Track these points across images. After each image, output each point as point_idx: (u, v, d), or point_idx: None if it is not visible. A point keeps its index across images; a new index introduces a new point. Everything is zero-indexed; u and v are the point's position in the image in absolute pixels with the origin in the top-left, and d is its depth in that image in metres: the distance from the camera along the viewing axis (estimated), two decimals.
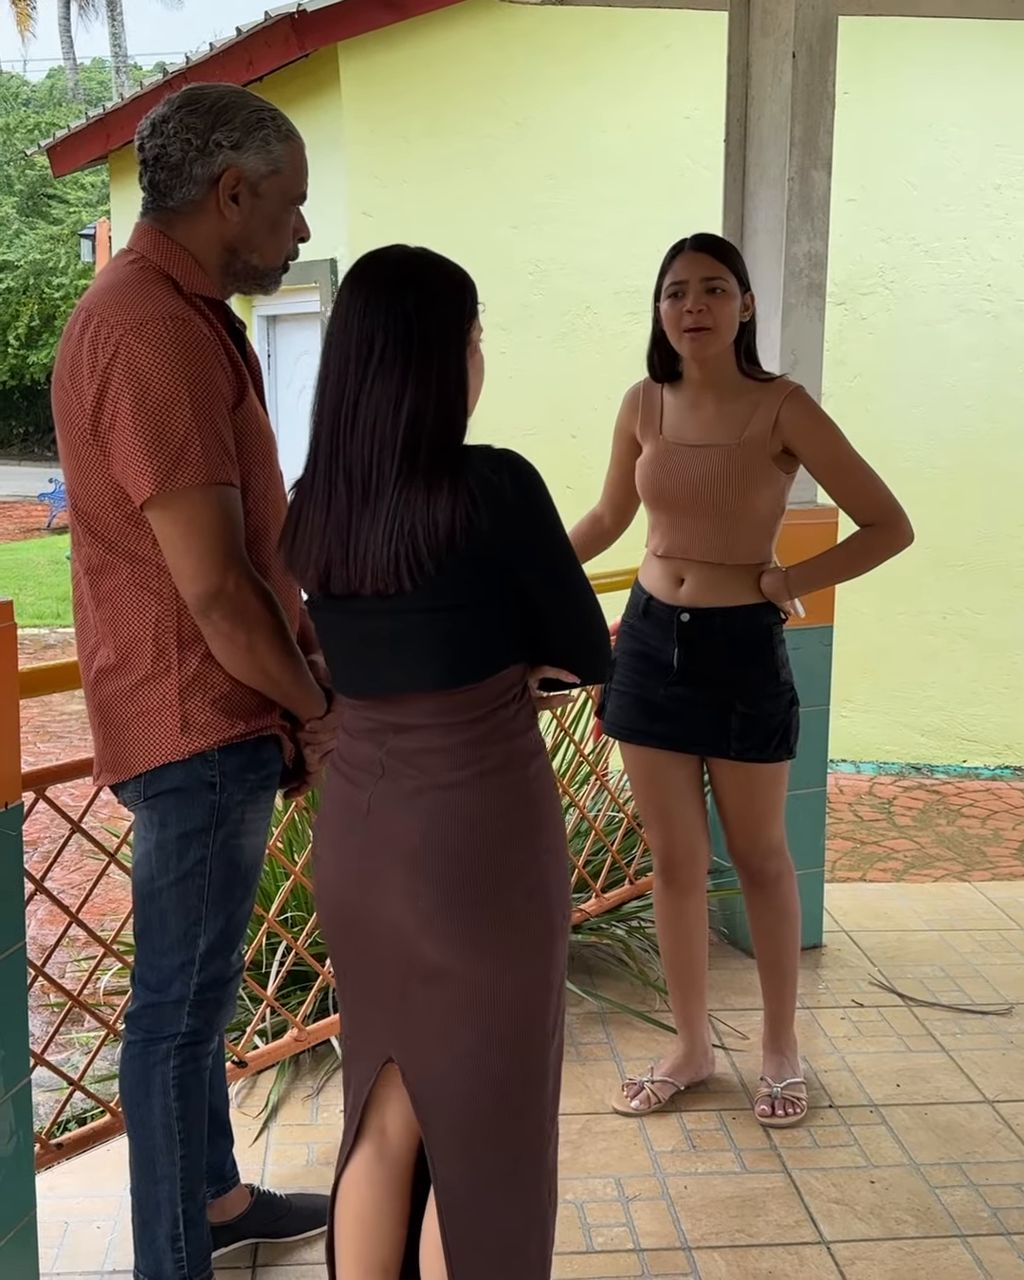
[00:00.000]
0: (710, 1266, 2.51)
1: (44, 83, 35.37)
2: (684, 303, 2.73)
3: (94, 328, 1.95)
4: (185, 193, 2.03)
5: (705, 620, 2.82)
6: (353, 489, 1.78)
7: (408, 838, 1.83)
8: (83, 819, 2.59)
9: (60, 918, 2.65)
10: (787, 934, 3.03)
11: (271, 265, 2.11)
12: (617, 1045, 3.32)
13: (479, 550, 1.75)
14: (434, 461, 1.75)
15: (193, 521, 1.93)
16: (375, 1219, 1.98)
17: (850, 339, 6.43)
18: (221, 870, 2.11)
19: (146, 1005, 2.17)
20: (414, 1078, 1.91)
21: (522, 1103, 1.91)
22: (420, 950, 1.84)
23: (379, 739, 1.87)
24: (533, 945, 1.88)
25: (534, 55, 6.20)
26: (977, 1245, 2.59)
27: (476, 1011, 1.86)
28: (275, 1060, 3.06)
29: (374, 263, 1.83)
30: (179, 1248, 2.19)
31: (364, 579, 1.77)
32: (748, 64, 3.60)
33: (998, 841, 5.59)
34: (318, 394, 1.83)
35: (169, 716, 2.05)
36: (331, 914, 1.95)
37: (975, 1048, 3.35)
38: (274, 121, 2.05)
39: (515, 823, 1.85)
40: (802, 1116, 2.98)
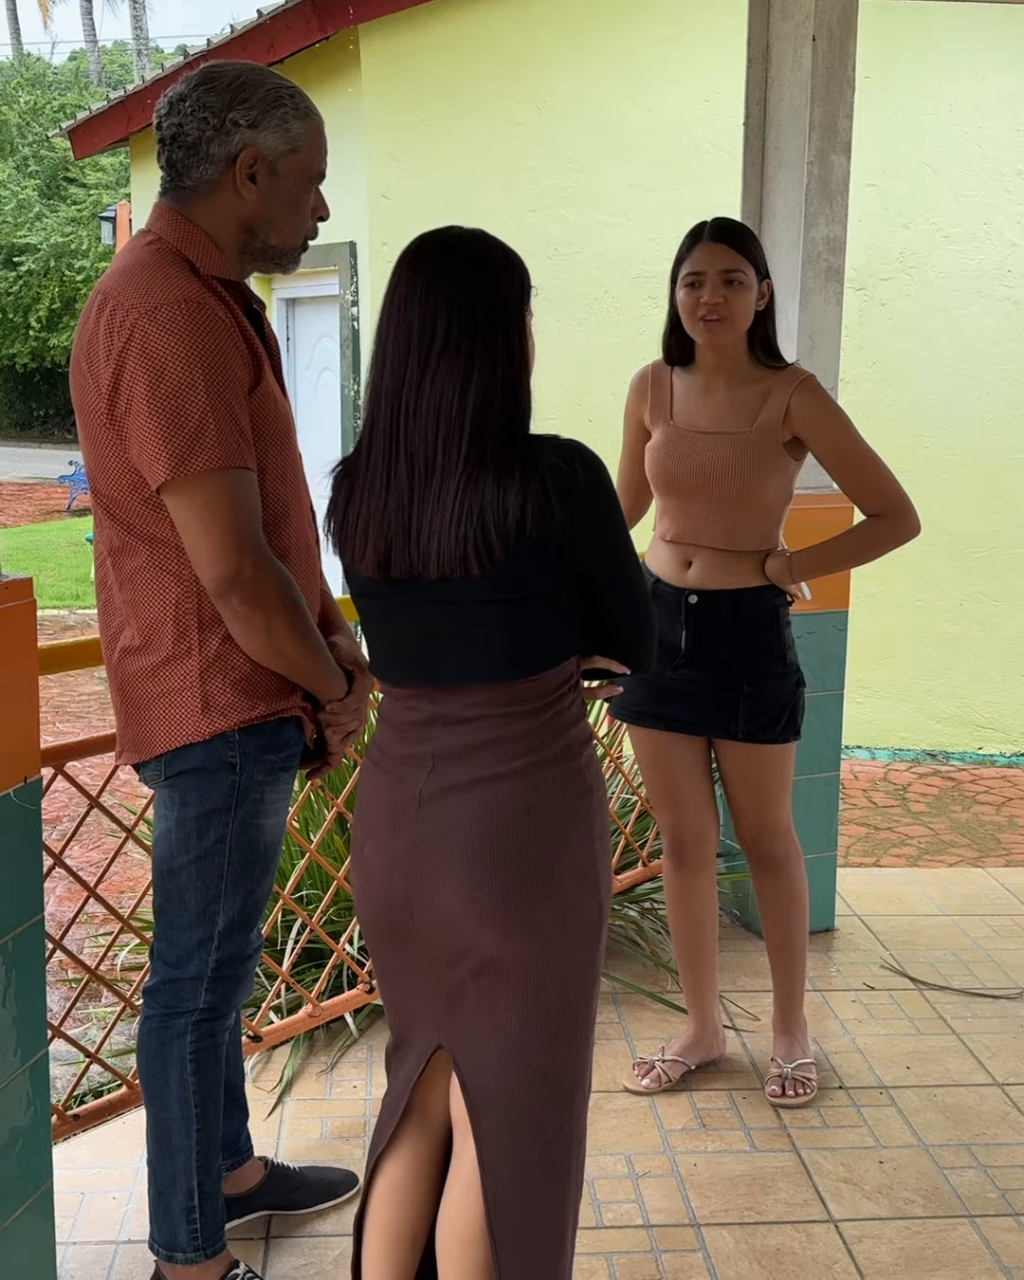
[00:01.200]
0: (719, 1243, 2.54)
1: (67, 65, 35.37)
2: (701, 293, 2.73)
3: (109, 311, 1.95)
4: (202, 172, 2.03)
5: (713, 602, 2.83)
6: (415, 472, 1.78)
7: (463, 829, 1.83)
8: (100, 795, 2.62)
9: (77, 895, 2.68)
10: (795, 916, 3.05)
11: (290, 245, 2.11)
12: (628, 1025, 3.34)
13: (549, 539, 1.76)
14: (503, 447, 1.76)
15: (209, 506, 1.93)
16: (410, 1188, 2.00)
17: (870, 324, 6.42)
18: (241, 850, 2.13)
19: (164, 981, 2.19)
20: (466, 1067, 1.93)
21: (566, 1094, 1.94)
22: (475, 941, 1.86)
23: (426, 733, 1.87)
24: (585, 931, 1.90)
25: (554, 38, 6.19)
26: (985, 1225, 2.61)
27: (528, 1003, 1.87)
28: (290, 1036, 3.09)
29: (434, 244, 1.83)
30: (193, 1219, 2.22)
31: (428, 563, 1.77)
32: (768, 47, 3.60)
33: (1013, 828, 5.59)
34: (375, 375, 1.83)
35: (190, 697, 2.06)
36: (380, 911, 1.94)
37: (986, 1031, 3.36)
38: (292, 99, 2.04)
39: (569, 811, 1.86)
40: (812, 1097, 3.00)
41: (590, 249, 6.34)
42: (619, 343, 6.29)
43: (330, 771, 2.28)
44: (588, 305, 6.40)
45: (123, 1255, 2.47)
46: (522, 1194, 1.92)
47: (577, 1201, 2.01)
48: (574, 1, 6.12)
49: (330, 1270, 2.43)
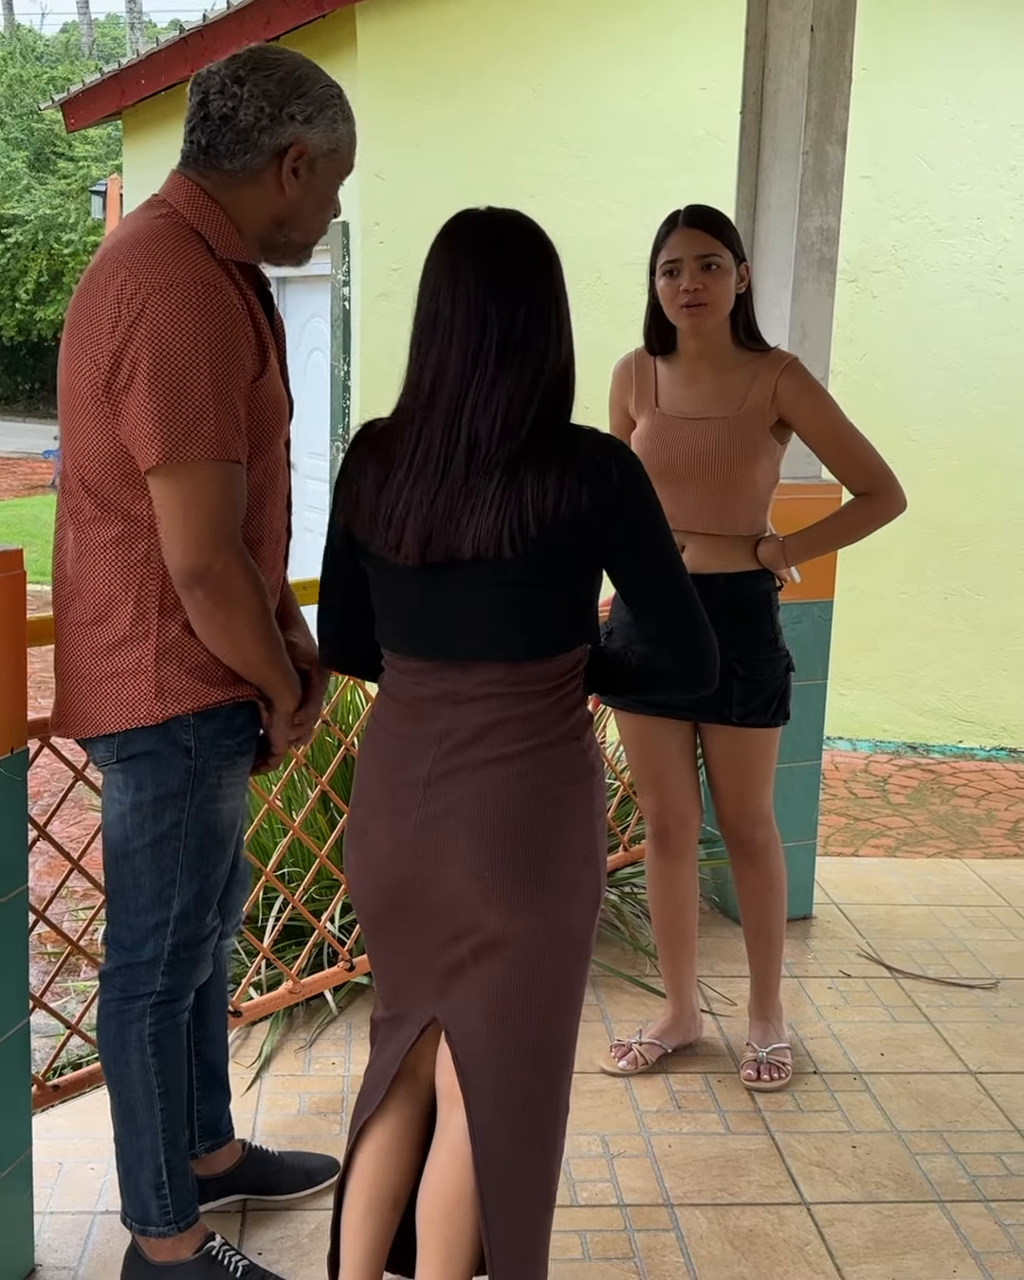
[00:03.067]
0: (692, 1223, 2.56)
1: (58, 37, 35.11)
2: (680, 280, 2.74)
3: (120, 282, 1.91)
4: (247, 159, 1.99)
5: (706, 585, 2.82)
6: (475, 462, 1.78)
7: (470, 808, 1.85)
8: (85, 768, 2.62)
9: (58, 871, 2.69)
10: (773, 903, 3.07)
11: (310, 241, 2.11)
12: (607, 1007, 3.36)
13: (578, 527, 1.77)
14: (549, 438, 1.79)
15: (194, 497, 1.92)
16: (395, 1151, 2.02)
17: (861, 317, 6.43)
18: (198, 834, 2.11)
19: (120, 965, 2.18)
20: (460, 1039, 1.94)
21: (556, 1066, 1.97)
22: (478, 918, 1.87)
23: (435, 710, 1.88)
24: (584, 909, 1.93)
25: (552, 21, 6.18)
26: (955, 1210, 2.64)
27: (526, 977, 1.90)
28: (269, 1012, 3.11)
29: (486, 229, 1.83)
30: (163, 1195, 2.22)
31: (463, 544, 1.78)
32: (766, 37, 3.60)
33: (991, 821, 5.63)
34: (418, 360, 1.83)
35: (144, 681, 2.04)
36: (386, 890, 1.94)
37: (960, 1020, 3.39)
38: (340, 100, 2.04)
39: (574, 791, 1.88)
40: (787, 1081, 3.02)
41: (585, 234, 6.32)
42: (612, 328, 6.25)
43: (271, 769, 2.26)
44: (581, 290, 6.35)
45: (100, 1225, 2.48)
46: (511, 1162, 1.94)
47: (558, 1172, 2.03)
48: None
49: (306, 1243, 2.44)
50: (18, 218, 23.17)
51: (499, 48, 6.18)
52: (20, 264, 23.50)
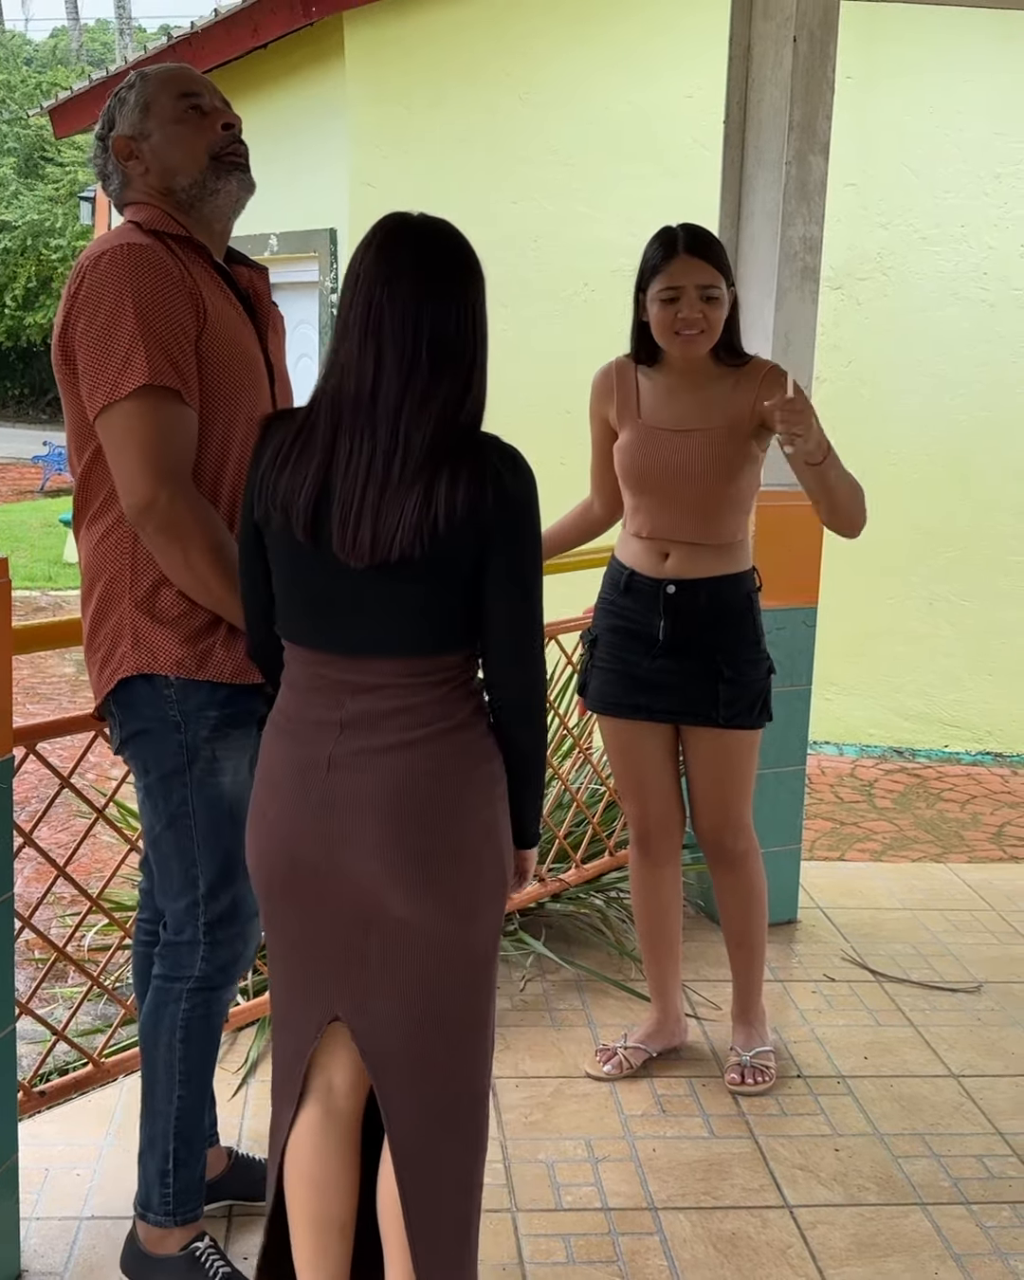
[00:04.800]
0: (675, 1226, 2.58)
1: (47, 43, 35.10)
2: (678, 308, 2.74)
3: (73, 272, 2.09)
4: (115, 182, 2.23)
5: (691, 590, 2.86)
6: (376, 458, 1.80)
7: (374, 794, 1.86)
8: (71, 775, 2.64)
9: (45, 877, 2.70)
10: (754, 911, 3.08)
11: (197, 172, 2.16)
12: (592, 1012, 3.38)
13: (477, 532, 1.80)
14: (458, 444, 1.81)
15: (130, 431, 2.01)
16: (329, 1178, 2.00)
17: (846, 324, 6.46)
18: (205, 809, 2.17)
19: (167, 944, 2.26)
20: (364, 1031, 1.95)
21: (470, 1046, 1.98)
22: (384, 902, 1.88)
23: (336, 698, 1.89)
24: (491, 891, 1.95)
25: (540, 30, 6.20)
26: (937, 1213, 2.66)
27: (432, 959, 1.91)
28: (256, 1018, 3.12)
29: (410, 232, 1.85)
30: (166, 1184, 2.26)
31: (366, 543, 1.80)
32: (749, 47, 3.62)
33: (976, 826, 5.65)
34: (336, 354, 1.85)
35: (125, 638, 2.13)
36: (283, 872, 1.94)
37: (943, 1024, 3.41)
38: (126, 83, 2.21)
39: (477, 775, 1.90)
40: (771, 1085, 3.04)
41: (571, 241, 6.36)
42: (598, 335, 6.26)
43: None
44: (567, 297, 6.42)
45: (86, 1231, 2.49)
46: (429, 1148, 1.96)
47: (484, 1154, 2.04)
48: None
49: None
50: (6, 224, 23.18)
51: (487, 56, 6.21)
52: (9, 270, 23.51)
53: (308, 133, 6.55)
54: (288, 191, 6.49)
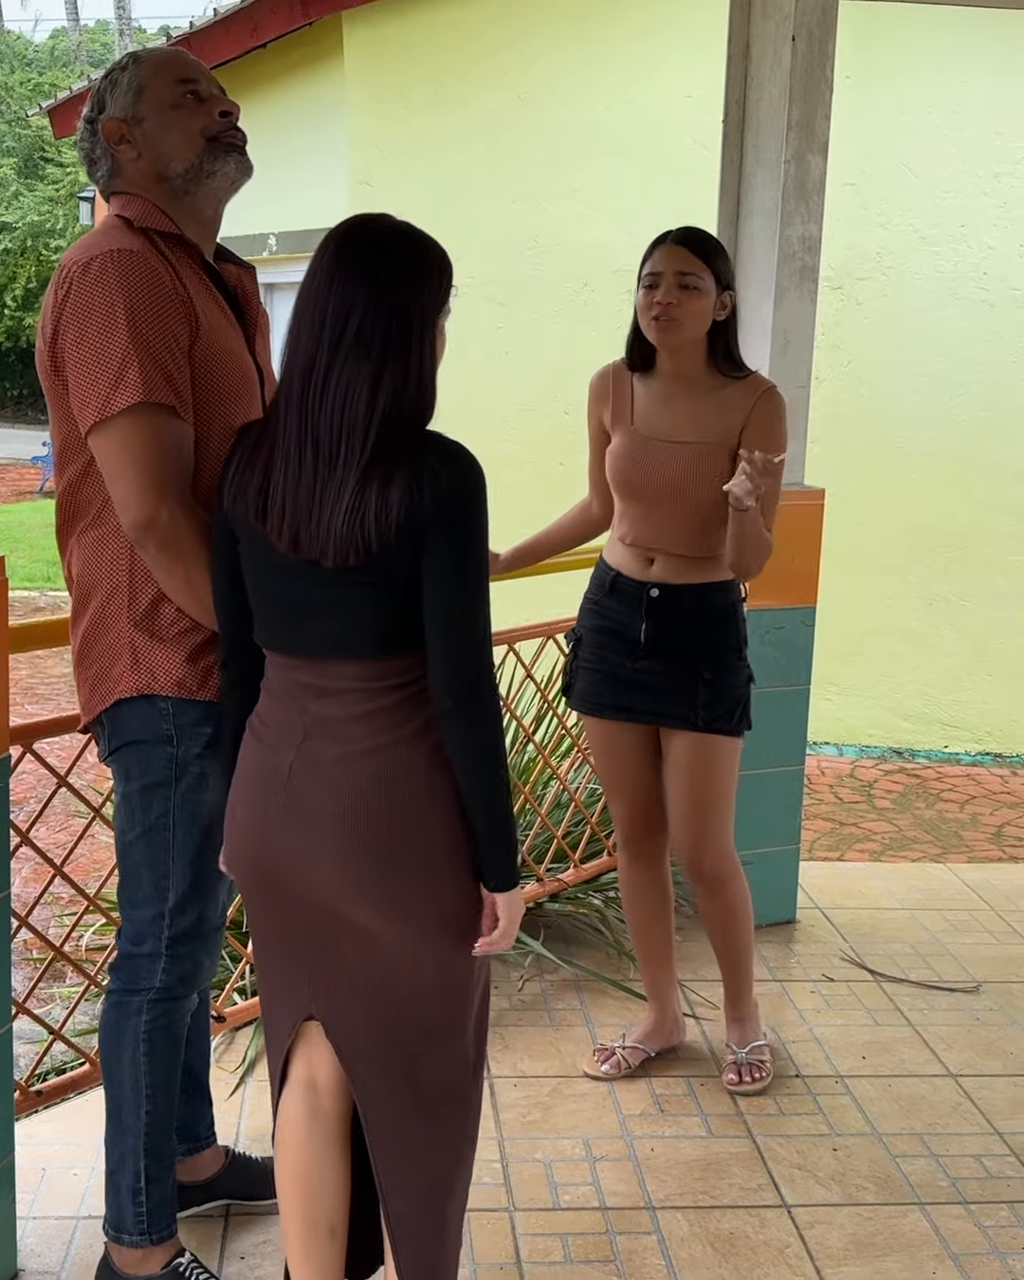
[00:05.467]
0: (673, 1226, 2.57)
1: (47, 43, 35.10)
2: (656, 293, 2.73)
3: (56, 275, 2.03)
4: (102, 169, 2.15)
5: (674, 595, 2.85)
6: (320, 458, 1.80)
7: (332, 804, 1.86)
8: (69, 774, 2.63)
9: (43, 877, 2.70)
10: (738, 931, 3.05)
11: (193, 157, 2.10)
12: (590, 1011, 3.38)
13: (419, 533, 1.78)
14: (401, 446, 1.79)
15: (126, 447, 1.96)
16: (316, 1178, 2.00)
17: (845, 324, 6.47)
18: (185, 824, 2.14)
19: (124, 956, 2.21)
20: (336, 1029, 1.95)
21: (444, 1043, 1.97)
22: (348, 911, 1.89)
23: (301, 704, 1.89)
24: (458, 898, 1.91)
25: (539, 29, 6.21)
26: (935, 1213, 2.66)
27: (402, 964, 1.91)
28: (254, 1017, 3.11)
29: (360, 231, 1.84)
30: (139, 1202, 2.22)
31: (327, 549, 1.79)
32: (748, 46, 3.62)
33: (976, 826, 5.65)
34: (288, 354, 1.84)
35: (123, 657, 2.09)
36: (250, 876, 1.96)
37: (942, 1023, 3.41)
38: (118, 64, 2.14)
39: (434, 785, 1.88)
40: (768, 1081, 3.04)
41: (570, 241, 6.36)
42: (597, 335, 6.29)
43: None
44: (566, 297, 6.43)
45: (83, 1231, 2.49)
46: (401, 1148, 1.95)
47: (469, 1157, 2.04)
48: None
49: None
50: (6, 224, 23.17)
51: (485, 55, 6.21)
52: (9, 270, 23.51)
53: (306, 132, 6.56)
54: (286, 191, 6.49)
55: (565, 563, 3.40)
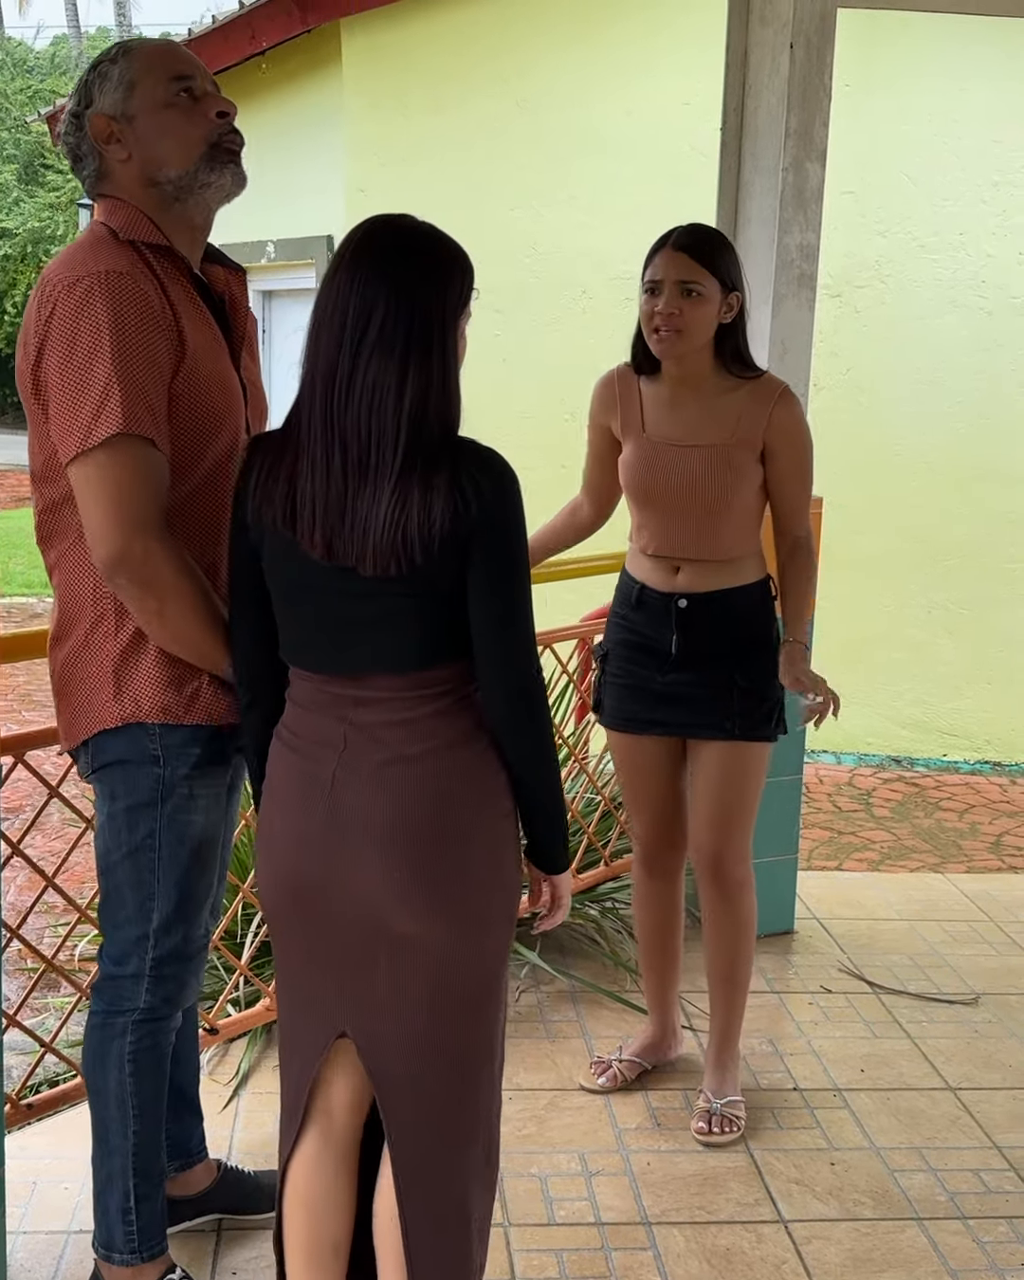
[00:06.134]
0: (669, 1241, 2.55)
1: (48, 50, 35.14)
2: (657, 302, 2.69)
3: (39, 289, 1.97)
4: (89, 168, 2.07)
5: (703, 604, 2.79)
6: (349, 463, 1.77)
7: (379, 810, 1.84)
8: (61, 785, 2.61)
9: (38, 886, 2.67)
10: (743, 947, 2.98)
11: (190, 163, 2.03)
12: (586, 1023, 3.36)
13: (462, 543, 1.76)
14: (434, 451, 1.76)
15: (102, 480, 1.91)
16: (325, 1201, 1.98)
17: (844, 331, 6.45)
18: (171, 845, 2.10)
19: (106, 978, 2.18)
20: (370, 1049, 1.92)
21: (475, 1069, 1.95)
22: (391, 921, 1.86)
23: (339, 712, 1.87)
24: (498, 909, 1.91)
25: (537, 36, 6.20)
26: (933, 1228, 2.63)
27: (440, 979, 1.88)
28: (247, 1029, 3.10)
29: (382, 231, 1.81)
30: (129, 1221, 2.20)
31: (364, 558, 1.77)
32: (746, 53, 3.61)
33: (974, 835, 5.63)
34: (308, 357, 1.81)
35: (105, 685, 2.04)
36: (287, 889, 1.92)
37: (940, 1036, 3.39)
38: (107, 55, 2.05)
39: (481, 792, 1.87)
40: (739, 1135, 2.89)
41: (569, 248, 6.35)
42: (596, 342, 6.27)
43: None
44: (565, 304, 6.42)
45: (74, 1245, 2.46)
46: (431, 1176, 1.93)
47: (491, 1187, 2.01)
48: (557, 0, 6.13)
49: None
50: (6, 231, 23.18)
51: (483, 62, 6.20)
52: (9, 277, 23.51)
53: (305, 139, 6.55)
54: (284, 198, 6.48)
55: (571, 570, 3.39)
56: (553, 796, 1.92)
